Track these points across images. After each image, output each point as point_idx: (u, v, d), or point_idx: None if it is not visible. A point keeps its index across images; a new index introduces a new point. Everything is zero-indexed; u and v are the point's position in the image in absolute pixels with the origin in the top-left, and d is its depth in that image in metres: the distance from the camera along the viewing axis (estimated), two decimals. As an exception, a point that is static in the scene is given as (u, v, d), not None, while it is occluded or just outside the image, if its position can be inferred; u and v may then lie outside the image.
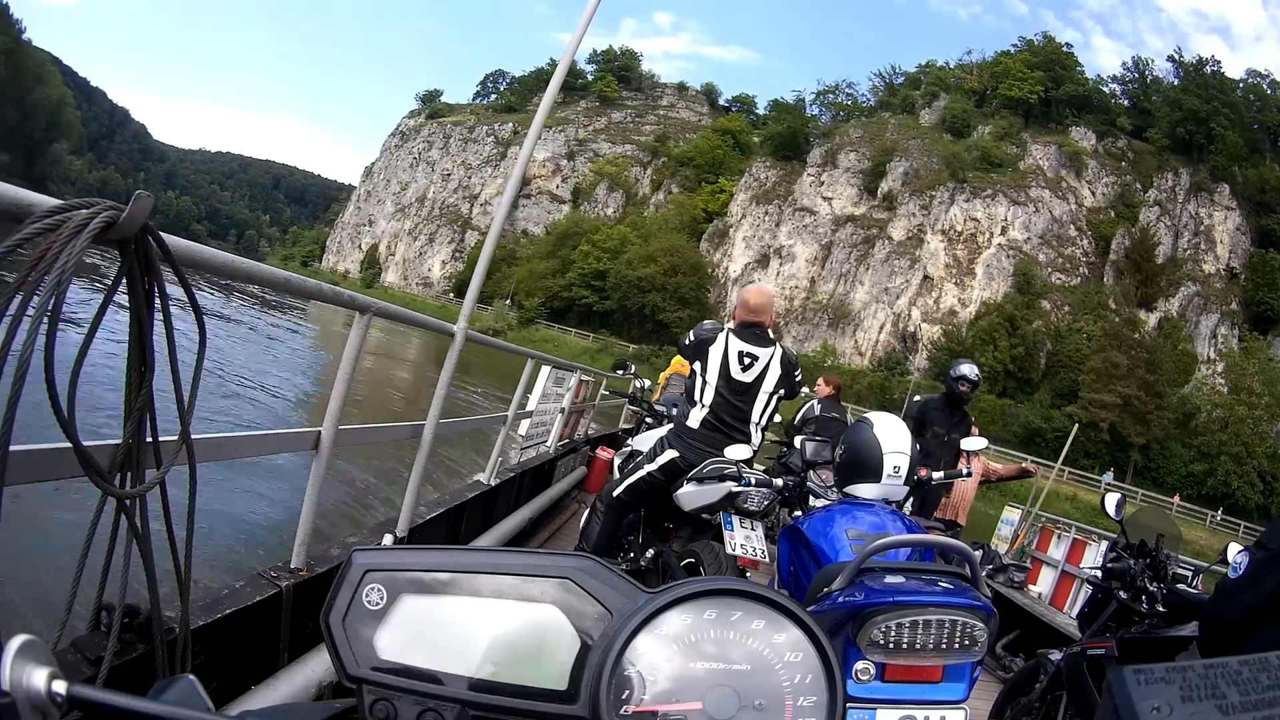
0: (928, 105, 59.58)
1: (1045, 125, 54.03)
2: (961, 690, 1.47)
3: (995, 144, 52.16)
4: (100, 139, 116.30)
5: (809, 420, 5.61)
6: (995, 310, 43.32)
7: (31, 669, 0.35)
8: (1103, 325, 40.75)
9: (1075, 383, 37.99)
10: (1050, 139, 52.11)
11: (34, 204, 0.88)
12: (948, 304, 46.53)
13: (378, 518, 5.11)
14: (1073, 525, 6.43)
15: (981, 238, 47.69)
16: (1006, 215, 47.78)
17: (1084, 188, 50.70)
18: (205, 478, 1.31)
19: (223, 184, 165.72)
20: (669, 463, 2.82)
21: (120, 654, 1.17)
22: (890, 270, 48.49)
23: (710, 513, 2.66)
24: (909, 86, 64.70)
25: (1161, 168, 50.14)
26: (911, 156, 53.40)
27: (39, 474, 1.07)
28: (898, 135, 56.57)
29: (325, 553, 2.05)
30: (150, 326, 1.04)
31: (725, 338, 2.82)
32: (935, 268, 47.72)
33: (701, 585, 0.43)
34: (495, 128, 78.53)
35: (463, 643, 0.42)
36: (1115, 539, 2.78)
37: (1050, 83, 54.12)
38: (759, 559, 2.49)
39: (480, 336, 3.35)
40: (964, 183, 49.16)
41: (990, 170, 50.10)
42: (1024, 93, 53.65)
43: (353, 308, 1.85)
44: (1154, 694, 0.33)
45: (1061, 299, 45.05)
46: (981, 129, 54.42)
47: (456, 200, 75.15)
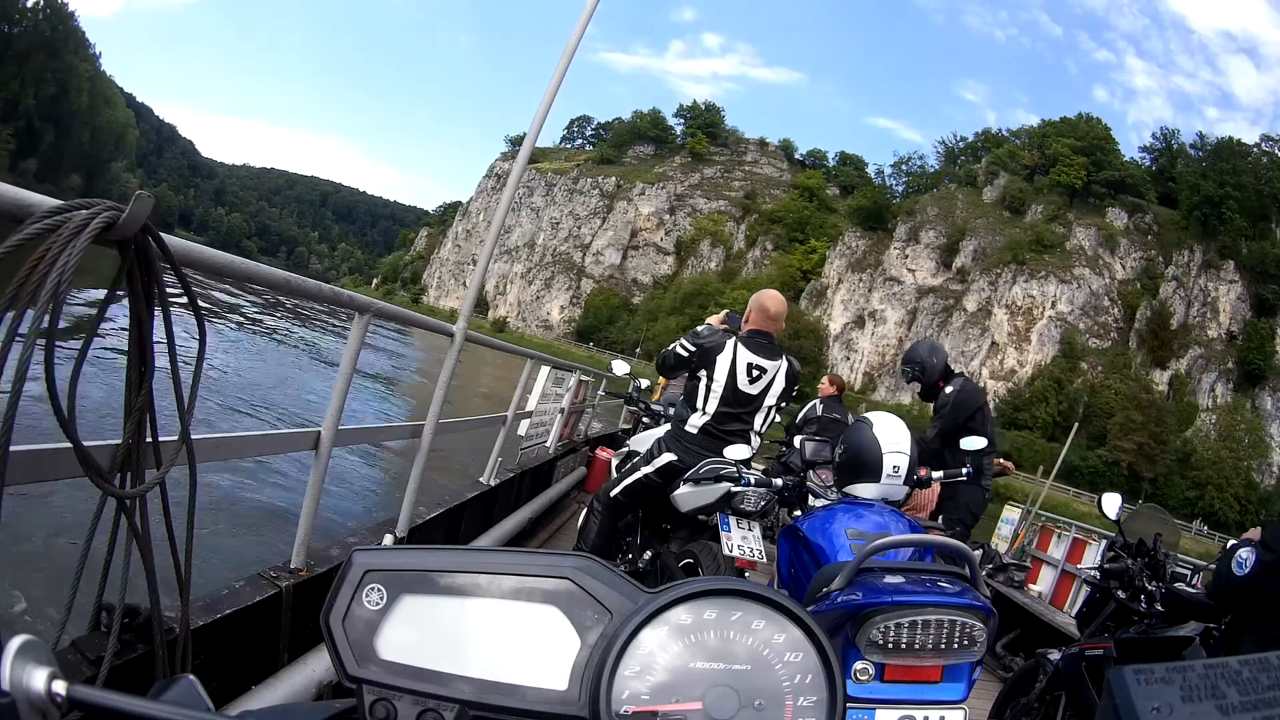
0: (989, 183, 72.11)
1: (1086, 203, 66.55)
2: (961, 690, 1.47)
3: (1046, 225, 64.56)
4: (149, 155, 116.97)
5: (810, 420, 5.61)
6: (1046, 373, 55.95)
7: (31, 669, 0.35)
8: (1126, 384, 53.92)
9: (1105, 429, 50.57)
10: (1091, 220, 64.76)
11: (34, 204, 0.88)
12: (1009, 365, 58.91)
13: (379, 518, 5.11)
14: (1073, 525, 6.43)
15: (1036, 311, 60.39)
16: (1055, 292, 60.60)
17: (1116, 263, 63.46)
18: (205, 478, 1.32)
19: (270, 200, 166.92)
20: (666, 465, 2.81)
21: (120, 654, 1.17)
22: (965, 336, 61.30)
23: (707, 514, 2.65)
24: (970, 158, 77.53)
25: (1180, 244, 62.54)
26: (979, 235, 66.52)
27: (39, 474, 1.07)
28: (967, 213, 69.36)
29: (325, 553, 2.05)
30: (150, 327, 1.04)
31: (734, 347, 2.77)
32: (1000, 336, 60.49)
33: (701, 585, 0.43)
34: (599, 180, 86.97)
35: (463, 643, 0.42)
36: (1114, 539, 2.78)
37: (1092, 166, 66.59)
38: (756, 559, 2.48)
39: (480, 336, 3.35)
40: (1023, 264, 62.04)
41: (1043, 251, 62.54)
42: (1070, 178, 66.08)
43: (352, 308, 1.85)
44: (1154, 694, 0.33)
45: (1095, 360, 57.58)
46: (1035, 207, 66.70)
47: (568, 249, 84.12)
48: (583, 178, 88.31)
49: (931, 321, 63.34)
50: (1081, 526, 6.33)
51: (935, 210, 70.66)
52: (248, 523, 5.01)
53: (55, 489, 3.64)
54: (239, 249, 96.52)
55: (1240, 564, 1.76)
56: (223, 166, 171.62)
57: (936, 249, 67.75)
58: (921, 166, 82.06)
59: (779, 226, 77.65)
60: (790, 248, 75.71)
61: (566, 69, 2.62)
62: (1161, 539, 2.51)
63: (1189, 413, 53.56)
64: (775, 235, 77.35)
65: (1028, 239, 63.63)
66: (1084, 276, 61.45)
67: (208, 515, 4.44)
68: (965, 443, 2.98)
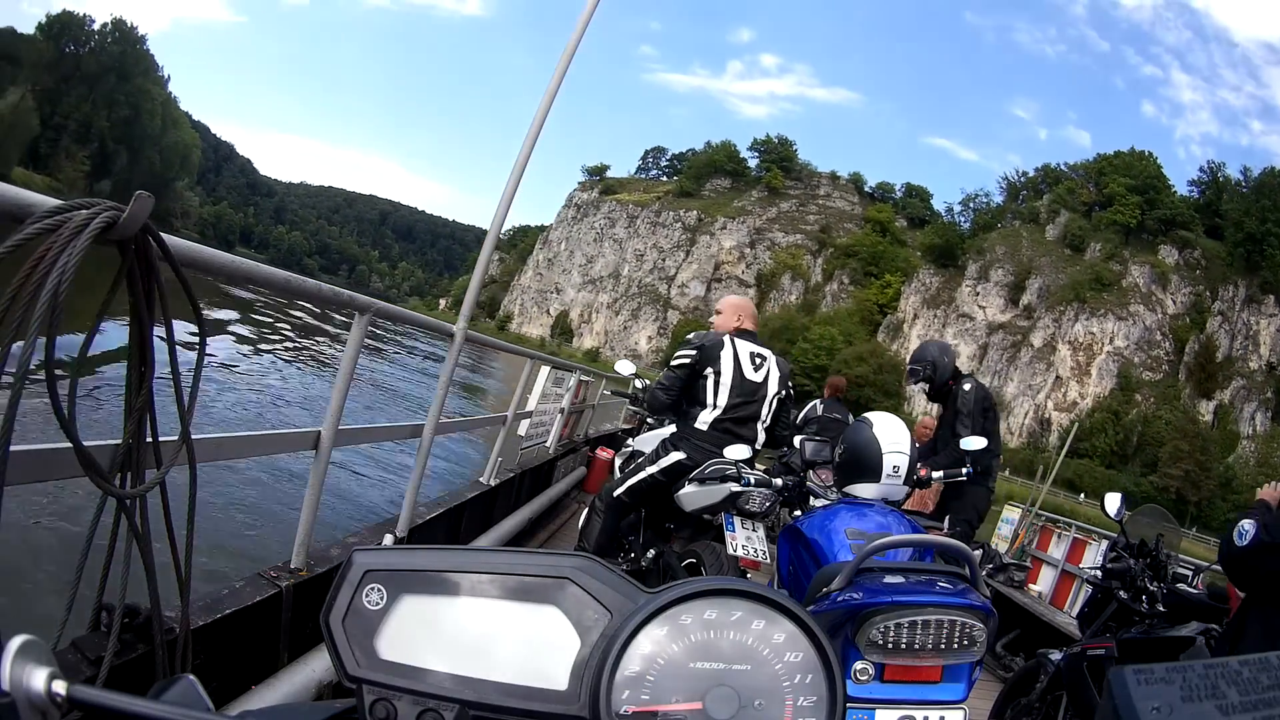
0: (1051, 221, 77.27)
1: (1140, 239, 71.65)
2: (961, 690, 1.47)
3: (1104, 264, 69.99)
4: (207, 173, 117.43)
5: (811, 420, 5.61)
6: (1104, 405, 61.44)
7: (31, 669, 0.35)
8: (1175, 415, 59.18)
9: (1156, 457, 55.95)
10: (1144, 258, 69.97)
11: (34, 204, 0.88)
12: (1071, 397, 64.21)
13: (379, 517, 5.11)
14: (1073, 525, 6.43)
15: (1096, 347, 65.75)
16: (1113, 329, 66.11)
17: (1168, 299, 68.55)
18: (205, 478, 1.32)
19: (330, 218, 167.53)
20: (674, 465, 2.81)
21: (120, 654, 1.17)
22: (1032, 371, 66.64)
23: (712, 513, 2.66)
24: (1031, 193, 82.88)
25: (1225, 279, 67.59)
26: (1044, 273, 71.63)
27: (39, 474, 1.07)
28: (1032, 251, 74.51)
29: (325, 553, 2.05)
30: (150, 327, 1.04)
31: (731, 342, 2.86)
32: (1064, 370, 65.57)
33: (701, 585, 0.43)
34: (681, 214, 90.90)
35: (463, 643, 0.42)
36: (1115, 539, 2.78)
37: (1145, 204, 71.48)
38: (760, 559, 2.49)
39: (480, 336, 3.36)
40: (1084, 302, 67.53)
41: (1101, 290, 68.10)
42: (1125, 217, 71.40)
43: (352, 308, 1.85)
44: (1154, 694, 0.33)
45: (1149, 392, 62.93)
46: (1093, 245, 72.19)
47: (653, 280, 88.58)
48: (664, 210, 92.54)
49: (1001, 356, 68.54)
50: (1081, 527, 6.33)
51: (1003, 249, 76.08)
52: (248, 523, 5.01)
53: (56, 489, 3.65)
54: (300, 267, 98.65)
55: (1241, 534, 1.77)
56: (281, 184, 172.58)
57: (1005, 286, 73.07)
58: (987, 202, 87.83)
59: (854, 260, 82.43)
60: (866, 281, 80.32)
61: (566, 69, 2.62)
62: (1163, 539, 2.51)
63: (1231, 440, 58.49)
64: (851, 269, 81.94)
65: (1087, 278, 68.94)
66: (1138, 313, 66.95)
67: (208, 515, 4.44)
68: (965, 442, 2.98)
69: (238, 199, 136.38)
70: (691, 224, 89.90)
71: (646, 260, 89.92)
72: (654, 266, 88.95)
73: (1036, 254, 74.38)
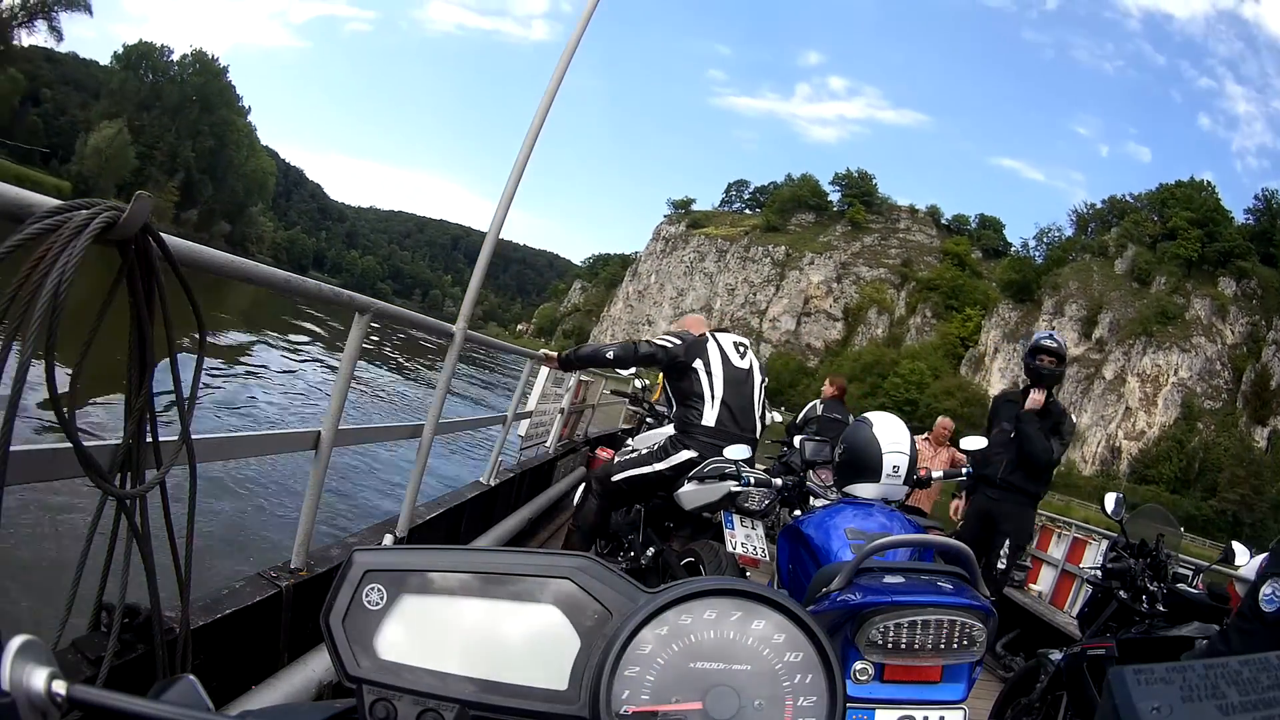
0: (1119, 254, 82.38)
1: (1201, 271, 75.70)
2: (960, 690, 1.47)
3: (1169, 298, 74.39)
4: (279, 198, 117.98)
5: (811, 420, 5.62)
6: (1169, 434, 65.49)
7: (31, 669, 0.35)
8: (1233, 442, 62.86)
9: (1216, 482, 59.19)
10: (1205, 290, 74.04)
11: (34, 204, 0.88)
12: (1140, 426, 68.86)
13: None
14: (1073, 524, 6.42)
15: (1162, 379, 69.94)
16: (1177, 361, 70.15)
17: (1226, 329, 72.75)
18: (205, 478, 1.32)
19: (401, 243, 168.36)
20: (684, 462, 2.81)
21: (120, 654, 1.16)
22: (1104, 402, 71.09)
23: (711, 512, 2.67)
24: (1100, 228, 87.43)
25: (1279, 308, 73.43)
26: (1114, 308, 76.89)
27: (39, 474, 1.07)
28: (1103, 286, 79.57)
29: (325, 553, 2.05)
30: (150, 327, 1.04)
31: (713, 336, 2.93)
32: (1133, 401, 70.11)
33: (701, 585, 0.43)
34: (770, 249, 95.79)
35: (463, 643, 0.42)
36: (1115, 538, 2.78)
37: (1206, 237, 75.60)
38: (759, 557, 2.50)
39: (480, 336, 3.36)
40: (1151, 335, 72.13)
41: (1166, 323, 72.46)
42: (1188, 251, 76.00)
43: (352, 308, 1.85)
44: (1154, 694, 0.33)
45: (1209, 420, 66.41)
46: (1158, 279, 76.59)
47: (745, 314, 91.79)
48: (753, 245, 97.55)
49: (1076, 388, 71.96)
50: (1081, 526, 6.32)
51: (1075, 283, 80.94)
52: (248, 523, 5.01)
53: (56, 489, 3.64)
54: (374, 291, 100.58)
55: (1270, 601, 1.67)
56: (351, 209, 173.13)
57: (1078, 320, 77.98)
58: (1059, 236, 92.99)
59: (935, 294, 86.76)
60: (947, 315, 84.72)
61: (565, 71, 2.62)
62: (1164, 539, 2.51)
63: (1285, 464, 64.09)
64: (933, 303, 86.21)
65: (1153, 312, 73.99)
66: (1200, 344, 71.27)
67: (208, 515, 4.44)
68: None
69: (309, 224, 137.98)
70: (780, 258, 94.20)
71: (738, 294, 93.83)
72: (745, 300, 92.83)
73: (1107, 288, 79.48)
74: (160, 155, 60.77)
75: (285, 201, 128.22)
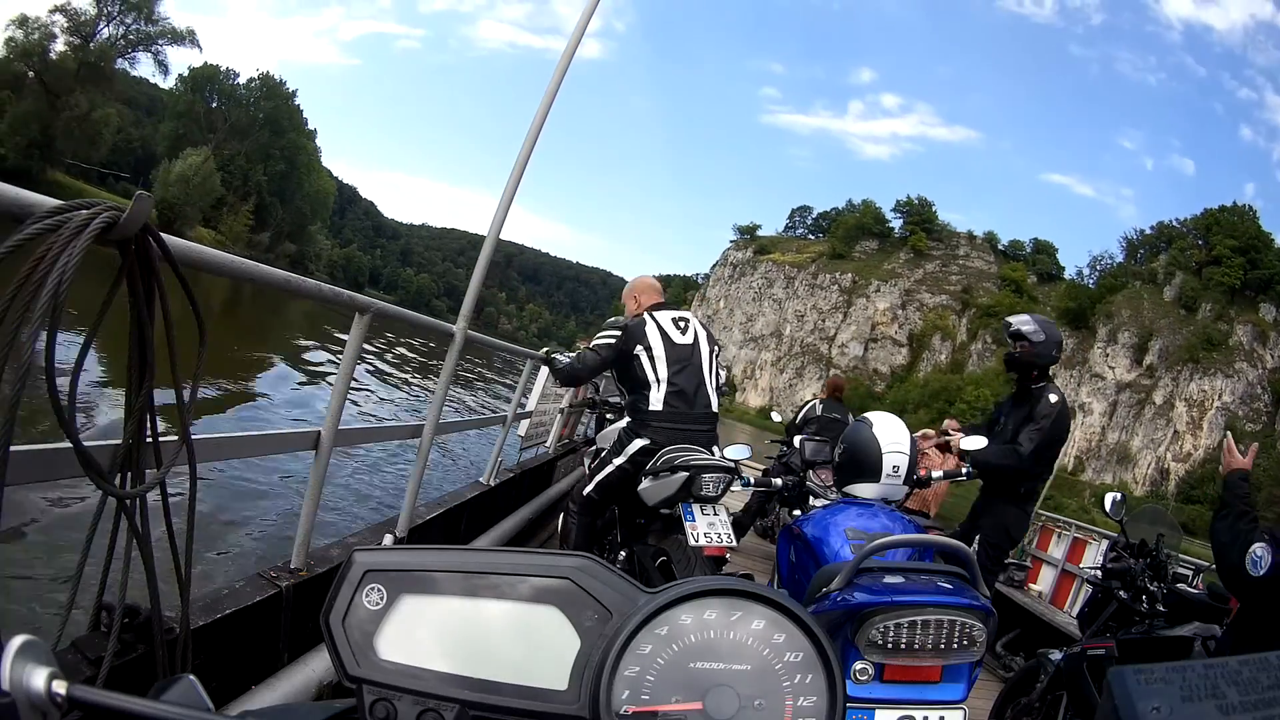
0: (1168, 282, 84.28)
1: (1244, 297, 78.17)
2: (960, 690, 1.47)
3: (1214, 325, 76.52)
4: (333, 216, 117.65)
5: (810, 420, 5.61)
6: (1214, 457, 63.23)
7: (31, 669, 0.35)
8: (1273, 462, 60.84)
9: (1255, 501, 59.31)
10: (1247, 317, 76.43)
11: (34, 204, 0.88)
12: (1187, 449, 70.46)
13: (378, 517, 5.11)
14: (1072, 524, 6.42)
15: (1207, 403, 72.04)
16: (1221, 386, 72.47)
17: (1267, 354, 75.06)
18: (205, 478, 1.32)
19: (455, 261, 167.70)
20: (639, 451, 2.71)
21: (120, 654, 1.16)
22: (1154, 426, 73.29)
23: (669, 505, 2.59)
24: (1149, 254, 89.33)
25: None
26: (1164, 335, 78.95)
27: (39, 474, 1.07)
28: (1153, 313, 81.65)
29: (325, 553, 2.05)
30: (150, 327, 1.04)
31: (650, 317, 2.83)
32: (1181, 425, 72.14)
33: (701, 585, 0.43)
34: (837, 277, 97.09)
35: (463, 643, 0.42)
36: (1115, 538, 2.78)
37: (1248, 264, 78.10)
38: (724, 544, 2.43)
39: (480, 336, 3.36)
40: (1197, 362, 74.23)
41: (1212, 350, 74.68)
42: (1231, 279, 78.17)
43: (353, 307, 1.85)
44: (1154, 694, 0.33)
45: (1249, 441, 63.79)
46: (1204, 305, 78.75)
47: (814, 340, 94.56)
48: (821, 273, 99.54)
49: (1128, 413, 75.46)
50: (1081, 526, 6.32)
51: (1127, 311, 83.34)
52: (248, 523, 5.01)
53: (56, 489, 3.64)
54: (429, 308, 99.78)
55: (1255, 562, 1.74)
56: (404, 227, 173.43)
57: (1130, 348, 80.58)
58: (1111, 263, 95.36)
59: (995, 320, 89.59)
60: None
61: (564, 73, 2.62)
62: (1163, 540, 2.51)
63: (1324, 482, 66.27)
64: (993, 329, 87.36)
65: (1199, 339, 76.48)
66: (1242, 370, 73.90)
67: (208, 515, 4.44)
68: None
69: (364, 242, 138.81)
70: (847, 285, 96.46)
71: (807, 321, 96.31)
72: (814, 327, 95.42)
73: (1156, 316, 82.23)
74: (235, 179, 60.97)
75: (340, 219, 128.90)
